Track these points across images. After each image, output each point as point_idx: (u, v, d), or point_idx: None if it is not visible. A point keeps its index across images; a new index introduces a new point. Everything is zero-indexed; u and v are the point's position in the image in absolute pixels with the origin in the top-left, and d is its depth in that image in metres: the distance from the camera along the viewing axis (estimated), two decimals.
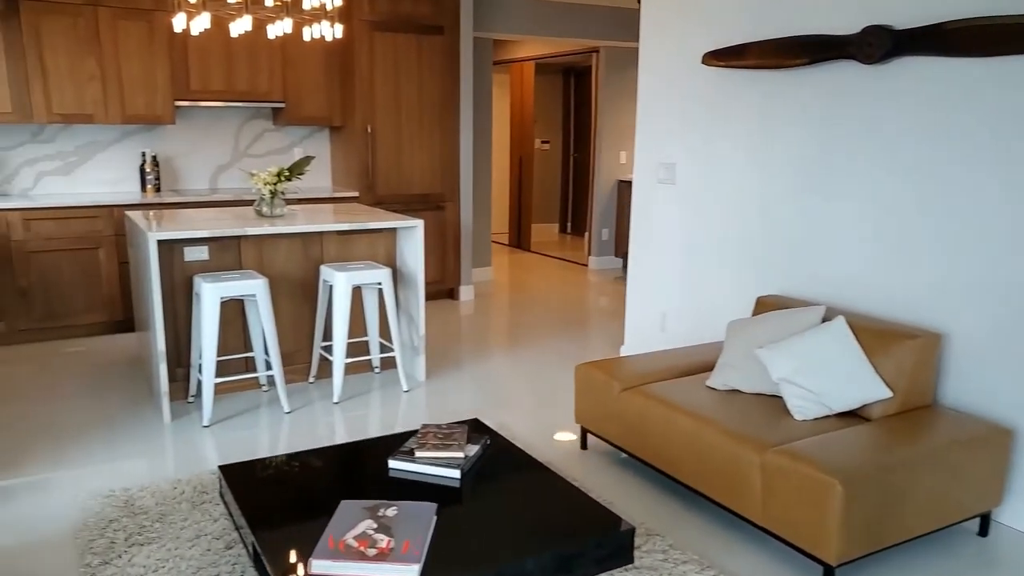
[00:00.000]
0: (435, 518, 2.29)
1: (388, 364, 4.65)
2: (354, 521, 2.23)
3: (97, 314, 5.14)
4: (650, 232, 4.54)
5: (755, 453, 2.58)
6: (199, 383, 4.07)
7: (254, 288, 3.79)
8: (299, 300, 4.31)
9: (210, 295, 3.67)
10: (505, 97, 10.15)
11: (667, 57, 4.28)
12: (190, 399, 4.06)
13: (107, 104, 5.18)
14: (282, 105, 5.76)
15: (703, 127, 4.08)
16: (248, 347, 4.23)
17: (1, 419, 3.77)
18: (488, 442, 2.77)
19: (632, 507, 3.00)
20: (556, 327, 5.69)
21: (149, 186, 5.57)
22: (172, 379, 3.98)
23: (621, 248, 8.05)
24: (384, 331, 4.58)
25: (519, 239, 9.54)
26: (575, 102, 10.63)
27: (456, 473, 2.56)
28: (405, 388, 4.28)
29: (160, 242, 3.80)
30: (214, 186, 5.96)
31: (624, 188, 7.93)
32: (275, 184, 4.20)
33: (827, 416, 2.84)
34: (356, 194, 5.87)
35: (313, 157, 4.39)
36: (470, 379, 4.49)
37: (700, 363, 3.47)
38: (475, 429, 2.96)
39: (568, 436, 3.69)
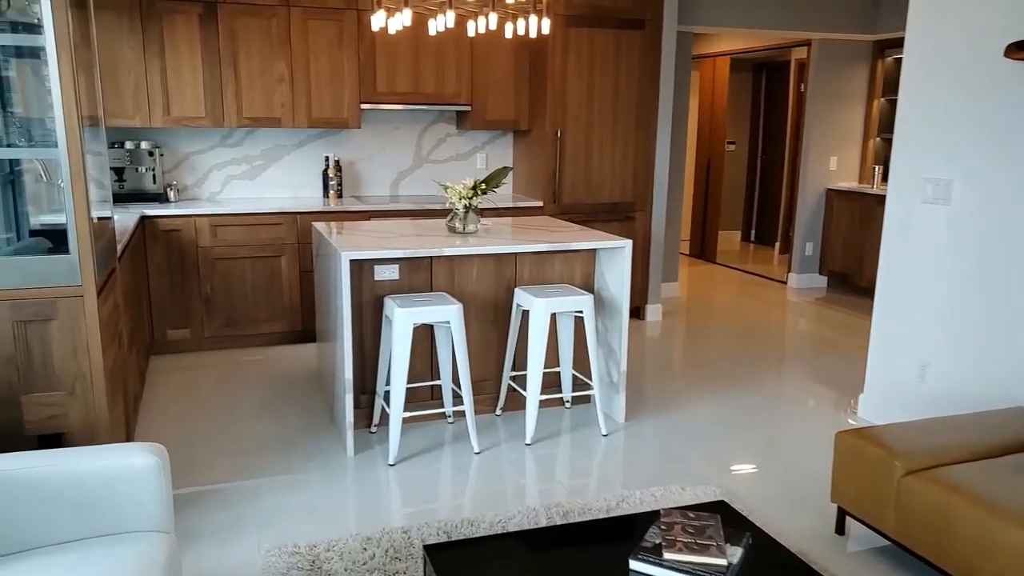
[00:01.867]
0: None
1: (580, 399, 4.14)
2: None
3: (277, 324, 4.98)
4: (908, 261, 3.75)
5: None
6: (383, 411, 3.73)
7: (448, 314, 3.38)
8: (488, 324, 3.89)
9: (402, 321, 3.30)
10: (694, 96, 9.41)
11: (949, 49, 3.48)
12: (372, 428, 3.73)
13: (294, 108, 5.00)
14: (468, 108, 5.39)
15: (999, 137, 3.26)
16: (435, 374, 3.85)
17: (184, 435, 3.59)
18: (750, 541, 2.18)
19: None
20: (764, 360, 4.97)
21: (331, 192, 5.37)
22: (355, 405, 3.66)
23: (827, 265, 7.14)
24: (579, 363, 4.08)
25: (702, 249, 8.80)
26: (766, 100, 9.71)
27: None
28: (604, 432, 3.75)
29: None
30: (395, 192, 5.70)
31: (835, 198, 7.02)
32: (470, 198, 3.79)
33: None
34: (540, 203, 5.41)
35: (510, 168, 3.94)
36: (676, 426, 3.89)
37: (1011, 439, 2.69)
38: (725, 516, 2.37)
39: (814, 514, 3.02)
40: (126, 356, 3.30)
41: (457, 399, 3.87)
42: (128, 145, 4.84)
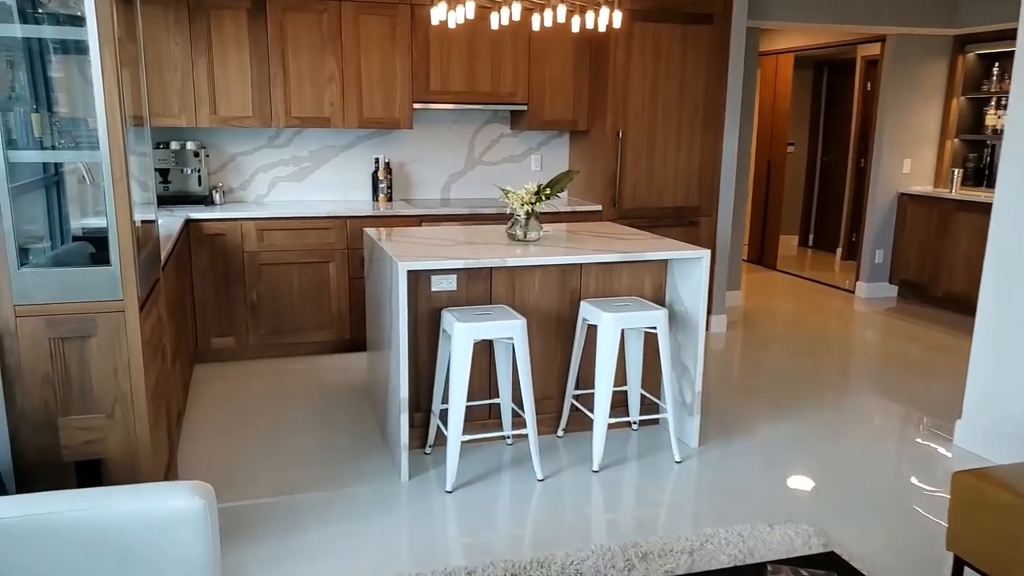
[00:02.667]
0: None
1: (648, 420, 3.85)
2: None
3: (324, 332, 4.77)
4: (1020, 275, 3.39)
5: None
6: (438, 431, 3.49)
7: (511, 330, 3.13)
8: (551, 339, 3.62)
9: (463, 337, 3.05)
10: (754, 94, 9.03)
11: None
12: (427, 449, 3.49)
13: (344, 107, 4.79)
14: (524, 107, 5.13)
15: None
16: (493, 392, 3.59)
17: (228, 450, 3.39)
18: None
19: None
20: (838, 376, 4.63)
21: (381, 195, 5.16)
22: (409, 424, 3.42)
23: (899, 274, 6.74)
24: (647, 381, 3.79)
25: (761, 255, 8.42)
26: (827, 100, 9.29)
27: None
28: (677, 458, 3.46)
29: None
30: (446, 196, 5.46)
31: (908, 203, 6.61)
32: (533, 204, 3.53)
33: None
34: (599, 207, 5.13)
35: (576, 172, 3.67)
36: (753, 451, 3.58)
37: None
38: (840, 572, 2.07)
39: (926, 564, 2.70)
40: (169, 371, 3.11)
41: (517, 419, 3.61)
42: (174, 146, 4.68)
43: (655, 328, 3.37)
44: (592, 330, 3.67)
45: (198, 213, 4.44)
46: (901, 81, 6.48)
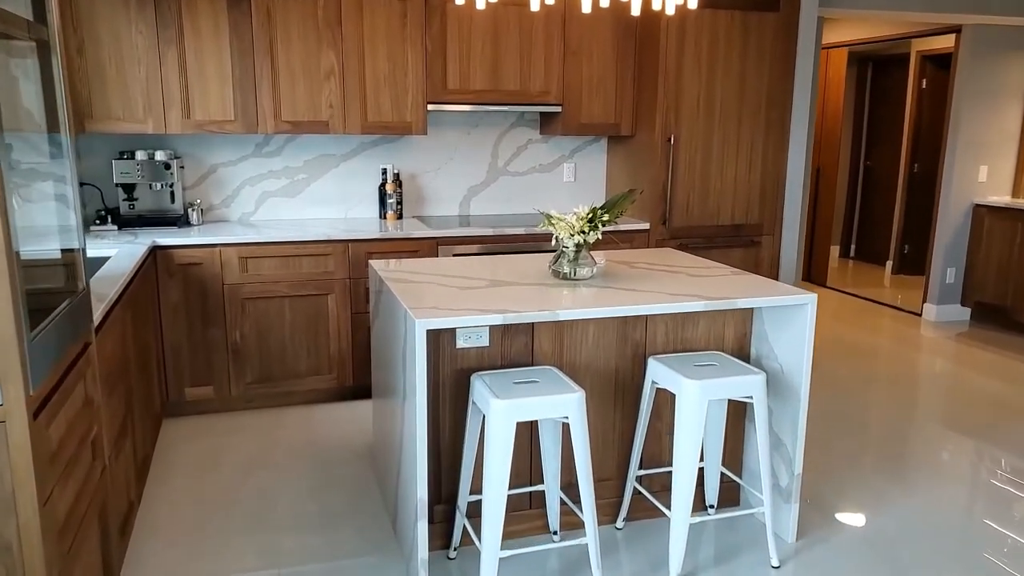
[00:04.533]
0: None
1: (726, 500, 3.07)
2: None
3: (322, 378, 3.99)
4: None
5: None
6: (464, 529, 2.71)
7: (566, 407, 2.35)
8: (607, 406, 2.84)
9: (502, 419, 2.27)
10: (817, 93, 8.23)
11: None
12: (452, 553, 2.70)
13: (346, 110, 4.01)
14: (558, 109, 4.34)
15: None
16: (535, 476, 2.81)
17: (198, 535, 2.61)
18: None
19: None
20: (945, 429, 3.83)
21: (390, 211, 4.38)
22: (428, 520, 2.64)
23: (973, 296, 5.94)
24: (729, 457, 3.01)
25: (809, 270, 7.63)
26: (871, 99, 8.50)
27: None
28: (775, 563, 2.67)
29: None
30: (465, 212, 4.68)
31: (985, 215, 5.82)
32: (585, 234, 2.75)
33: None
34: (646, 225, 4.35)
35: (640, 191, 2.89)
36: (868, 547, 2.79)
37: None
38: None
39: None
40: (107, 467, 2.33)
41: (565, 508, 2.83)
42: (140, 156, 3.90)
43: (750, 397, 2.58)
44: (662, 395, 2.89)
45: (168, 237, 3.66)
46: (979, 77, 5.69)
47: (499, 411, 2.28)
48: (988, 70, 5.69)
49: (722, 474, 3.01)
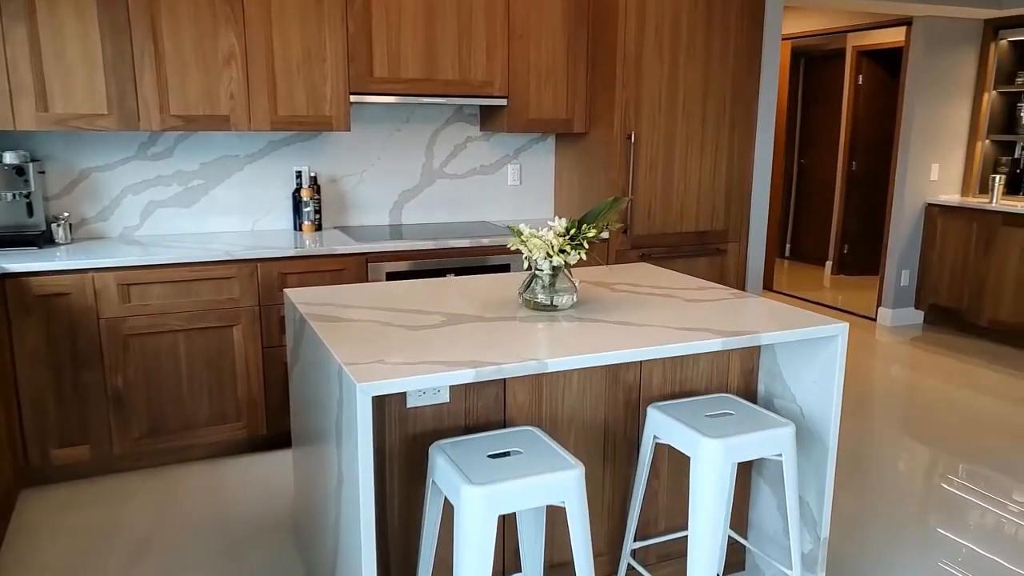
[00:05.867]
0: None
1: (730, 564, 2.57)
2: None
3: (229, 427, 3.30)
4: None
5: None
6: None
7: (561, 490, 1.78)
8: (595, 466, 2.29)
9: (479, 513, 1.68)
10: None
11: None
12: None
13: (250, 101, 3.33)
14: (503, 102, 3.77)
15: None
16: (509, 565, 2.23)
17: None
18: None
19: None
20: (945, 454, 3.46)
21: (306, 222, 3.71)
22: None
23: (927, 298, 5.70)
24: (734, 515, 2.51)
25: None
26: (805, 95, 8.29)
27: None
28: None
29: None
30: (396, 220, 4.05)
31: (937, 215, 5.58)
32: (565, 254, 2.18)
33: None
34: (604, 235, 3.82)
35: (628, 199, 2.36)
36: None
37: None
38: None
39: None
40: None
41: None
42: None
43: (779, 455, 2.08)
44: (663, 450, 2.36)
45: (23, 262, 2.89)
46: (929, 72, 5.44)
47: (474, 502, 1.69)
48: (938, 65, 5.45)
49: (730, 539, 2.50)
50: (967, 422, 3.90)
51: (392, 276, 3.45)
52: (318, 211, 3.75)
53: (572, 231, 2.16)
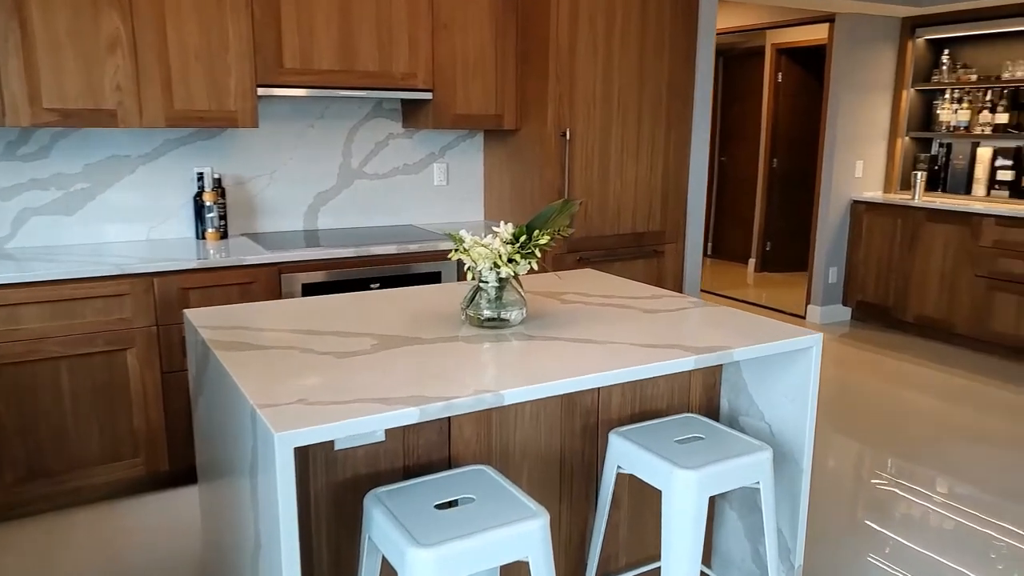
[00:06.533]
0: None
1: None
2: None
3: (124, 464, 2.89)
4: None
5: None
6: None
7: (526, 544, 1.52)
8: (551, 500, 2.04)
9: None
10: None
11: None
12: None
13: (141, 94, 2.93)
14: (427, 96, 3.47)
15: None
16: None
17: None
18: None
19: None
20: (915, 462, 3.37)
21: (210, 230, 3.33)
22: None
23: (854, 295, 5.71)
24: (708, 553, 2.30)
25: None
26: (724, 93, 8.30)
27: None
28: None
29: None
30: (312, 226, 3.70)
31: (863, 212, 5.60)
32: (514, 264, 1.92)
33: None
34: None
35: (579, 202, 2.11)
36: None
37: None
38: None
39: None
40: None
41: None
42: None
43: (757, 483, 1.88)
44: (622, 478, 2.13)
45: None
46: (853, 70, 5.44)
47: (423, 568, 1.40)
48: (860, 62, 5.46)
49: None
50: (895, 417, 3.85)
51: (309, 289, 3.11)
52: (223, 217, 3.37)
53: (522, 238, 1.90)
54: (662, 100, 3.79)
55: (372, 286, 3.24)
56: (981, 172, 5.37)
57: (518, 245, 1.92)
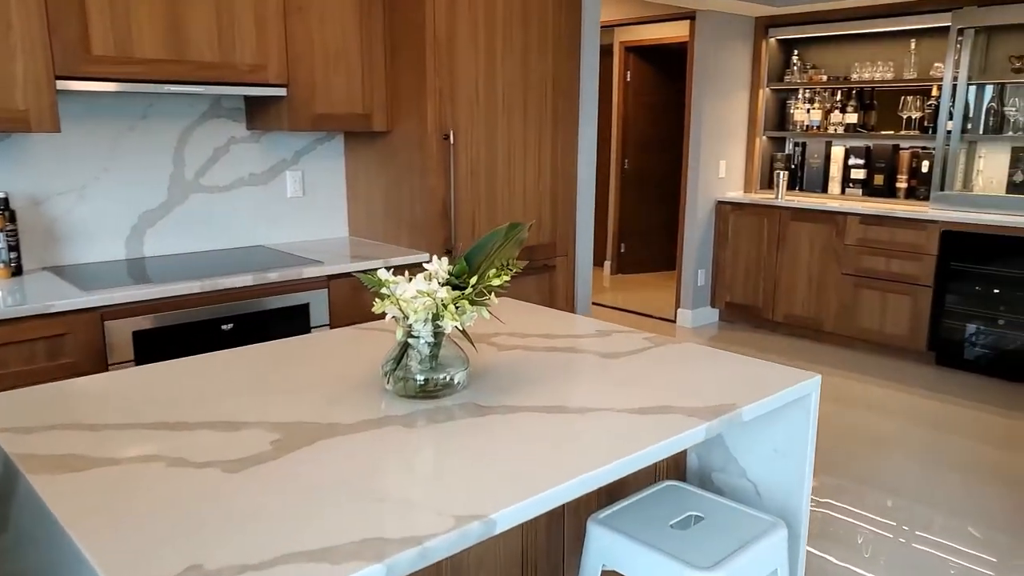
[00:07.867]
0: None
1: None
2: None
3: None
4: None
5: None
6: None
7: None
8: None
9: None
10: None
11: None
12: None
13: None
14: (282, 92, 2.86)
15: None
16: None
17: None
18: None
19: None
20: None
21: None
22: None
23: (722, 297, 5.66)
24: None
25: None
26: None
27: None
28: None
29: None
30: (137, 253, 2.96)
31: (728, 212, 5.54)
32: (460, 313, 1.43)
33: None
34: (424, 255, 3.09)
35: (528, 225, 1.65)
36: None
37: None
38: None
39: None
40: None
41: None
42: None
43: (775, 571, 1.52)
44: None
45: None
46: (716, 68, 5.37)
47: None
48: (721, 60, 5.40)
49: None
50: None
51: (143, 339, 2.43)
52: (15, 248, 2.59)
53: (473, 280, 1.42)
54: (547, 98, 3.42)
55: (224, 327, 2.60)
56: (836, 171, 5.48)
57: (459, 289, 1.44)
